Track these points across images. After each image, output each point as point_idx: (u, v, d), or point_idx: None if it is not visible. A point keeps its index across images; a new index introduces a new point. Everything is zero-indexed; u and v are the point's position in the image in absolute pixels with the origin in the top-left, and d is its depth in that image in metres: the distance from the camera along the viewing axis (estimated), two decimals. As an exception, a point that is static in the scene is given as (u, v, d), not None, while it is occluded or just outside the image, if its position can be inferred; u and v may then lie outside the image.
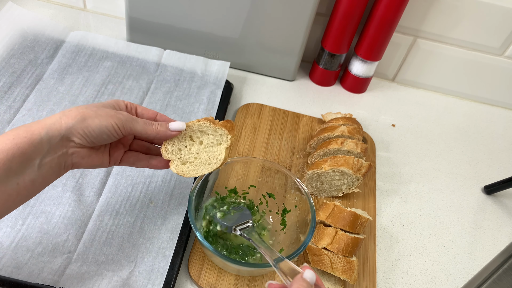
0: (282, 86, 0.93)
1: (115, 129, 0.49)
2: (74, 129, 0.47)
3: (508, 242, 0.74)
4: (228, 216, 0.62)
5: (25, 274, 0.56)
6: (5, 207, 0.45)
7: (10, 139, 0.44)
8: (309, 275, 0.46)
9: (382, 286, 0.66)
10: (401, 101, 0.96)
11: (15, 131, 0.45)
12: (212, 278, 0.61)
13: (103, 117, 0.48)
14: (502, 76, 0.94)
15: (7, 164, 0.43)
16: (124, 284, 0.57)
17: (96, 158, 0.52)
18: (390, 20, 0.82)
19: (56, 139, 0.47)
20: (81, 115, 0.48)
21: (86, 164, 0.51)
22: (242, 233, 0.59)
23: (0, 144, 0.44)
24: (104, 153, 0.53)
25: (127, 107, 0.54)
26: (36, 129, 0.46)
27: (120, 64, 0.84)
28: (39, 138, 0.45)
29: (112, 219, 0.63)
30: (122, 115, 0.50)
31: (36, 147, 0.45)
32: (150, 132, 0.53)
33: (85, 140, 0.48)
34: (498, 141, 0.92)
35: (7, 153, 0.43)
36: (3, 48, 0.81)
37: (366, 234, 0.70)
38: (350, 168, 0.69)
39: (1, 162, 0.43)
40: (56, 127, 0.46)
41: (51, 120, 0.47)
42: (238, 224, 0.61)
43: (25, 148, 0.44)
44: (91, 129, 0.48)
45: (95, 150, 0.52)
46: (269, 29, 0.85)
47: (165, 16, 0.86)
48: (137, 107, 0.56)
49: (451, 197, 0.80)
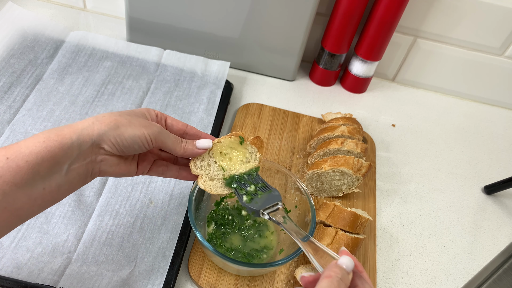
0: (282, 86, 0.93)
1: (148, 140, 0.48)
2: (106, 136, 0.46)
3: (508, 242, 0.74)
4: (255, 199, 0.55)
5: (25, 274, 0.56)
6: (29, 212, 0.44)
7: (40, 142, 0.43)
8: (346, 261, 0.42)
9: (382, 286, 0.66)
10: (401, 101, 0.96)
11: (46, 134, 0.44)
12: (212, 278, 0.61)
13: (136, 127, 0.47)
14: (502, 76, 0.94)
15: (36, 167, 0.42)
16: (124, 284, 0.57)
17: (124, 167, 0.50)
18: (390, 20, 0.82)
19: (87, 144, 0.45)
20: (115, 122, 0.46)
21: (113, 172, 0.49)
22: (270, 217, 0.53)
23: (30, 146, 0.42)
24: (132, 162, 0.52)
25: (157, 117, 0.53)
26: (68, 133, 0.44)
27: (120, 64, 0.84)
28: (70, 142, 0.44)
29: (112, 219, 0.63)
30: (156, 127, 0.49)
31: (66, 152, 0.44)
32: (178, 149, 0.51)
33: (115, 148, 0.47)
34: (498, 141, 0.92)
35: (37, 156, 0.42)
36: (3, 48, 0.81)
37: (366, 234, 0.70)
38: (350, 168, 0.69)
39: (30, 164, 0.42)
40: (88, 133, 0.45)
41: (83, 124, 0.45)
42: (266, 207, 0.54)
43: (55, 152, 0.43)
44: (124, 138, 0.46)
45: (123, 158, 0.50)
46: (269, 29, 0.85)
47: (165, 16, 0.86)
48: (167, 118, 0.54)
49: (451, 197, 0.80)
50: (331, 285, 0.40)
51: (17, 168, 0.41)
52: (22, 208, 0.43)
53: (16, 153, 0.42)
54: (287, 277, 0.63)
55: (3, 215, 0.41)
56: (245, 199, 0.54)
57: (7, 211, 0.41)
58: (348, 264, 0.42)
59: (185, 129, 0.55)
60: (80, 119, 0.75)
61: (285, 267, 0.64)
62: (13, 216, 0.42)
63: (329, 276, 0.41)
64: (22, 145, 0.42)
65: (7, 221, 0.42)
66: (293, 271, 0.64)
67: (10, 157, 0.41)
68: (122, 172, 0.50)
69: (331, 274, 0.41)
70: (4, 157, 0.41)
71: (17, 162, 0.41)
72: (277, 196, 0.55)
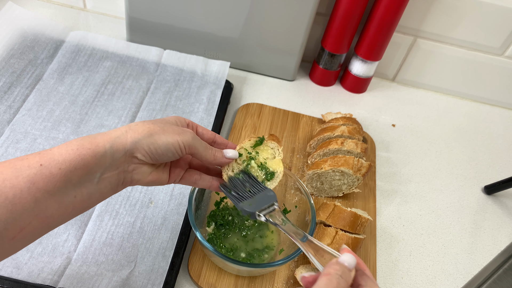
0: (282, 86, 0.93)
1: (181, 147, 0.47)
2: (139, 145, 0.45)
3: (508, 242, 0.74)
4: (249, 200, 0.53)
5: (25, 274, 0.56)
6: (59, 219, 0.43)
7: (74, 149, 0.42)
8: (347, 258, 0.40)
9: (382, 286, 0.66)
10: (401, 101, 0.96)
11: (80, 142, 0.43)
12: (212, 278, 0.61)
13: (170, 134, 0.47)
14: (502, 76, 0.94)
15: (68, 175, 0.41)
16: (124, 284, 0.57)
17: (156, 175, 0.50)
18: (390, 20, 0.82)
19: (120, 153, 0.45)
20: (148, 130, 0.46)
21: (145, 181, 0.49)
22: (267, 219, 0.51)
23: (63, 153, 0.42)
24: (164, 170, 0.51)
25: (188, 126, 0.52)
26: (101, 141, 0.44)
27: (120, 64, 0.84)
28: (103, 151, 0.43)
29: (112, 219, 0.63)
30: (189, 133, 0.48)
31: (99, 160, 0.43)
32: (209, 156, 0.51)
33: (149, 156, 0.46)
34: (498, 141, 0.92)
35: (70, 164, 0.41)
36: (3, 48, 0.81)
37: (366, 234, 0.70)
38: (350, 168, 0.69)
39: (63, 172, 0.41)
40: (122, 141, 0.44)
41: (117, 133, 0.45)
42: (262, 208, 0.52)
43: (88, 160, 0.42)
44: (157, 146, 0.46)
45: (155, 167, 0.49)
46: (269, 29, 0.85)
47: (165, 16, 0.86)
48: (197, 127, 0.54)
49: (451, 197, 0.80)
50: (330, 283, 0.38)
51: (50, 175, 0.41)
52: (53, 216, 0.42)
53: (50, 160, 0.41)
54: (287, 277, 0.63)
55: (34, 222, 0.41)
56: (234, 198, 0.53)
57: (38, 218, 0.41)
58: (349, 261, 0.40)
59: (213, 138, 0.55)
60: (80, 119, 0.75)
61: (285, 267, 0.64)
62: (43, 223, 0.42)
63: (328, 274, 0.39)
64: (55, 152, 0.42)
65: (37, 228, 0.41)
66: (293, 271, 0.64)
67: (44, 163, 0.41)
68: (154, 181, 0.50)
69: (330, 272, 0.39)
70: (38, 163, 0.41)
71: (50, 169, 0.41)
72: (273, 196, 0.53)
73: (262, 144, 0.57)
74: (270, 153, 0.57)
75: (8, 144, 0.69)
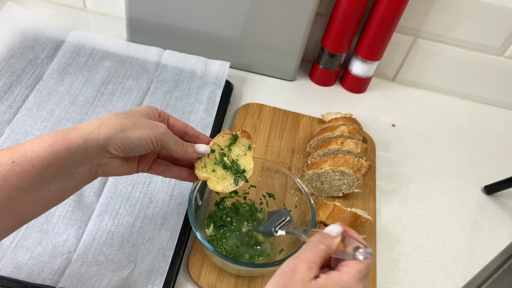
0: (282, 86, 0.93)
1: (153, 142, 0.48)
2: (112, 140, 0.45)
3: (508, 242, 0.74)
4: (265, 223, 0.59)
5: (25, 274, 0.56)
6: (33, 214, 0.44)
7: (47, 146, 0.42)
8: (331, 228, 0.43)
9: (382, 286, 0.66)
10: (401, 101, 0.96)
11: (52, 138, 0.43)
12: (212, 278, 0.61)
13: (142, 129, 0.47)
14: (502, 76, 0.94)
15: (42, 172, 0.42)
16: (124, 284, 0.57)
17: (126, 167, 0.51)
18: (390, 20, 0.82)
19: (93, 149, 0.45)
20: (121, 125, 0.46)
21: (116, 173, 0.50)
22: (286, 230, 0.54)
23: (36, 150, 0.42)
24: (134, 162, 0.52)
25: (160, 116, 0.53)
26: (74, 137, 0.44)
27: (120, 64, 0.84)
28: (77, 147, 0.44)
29: (112, 219, 0.63)
30: (161, 128, 0.49)
31: (73, 156, 0.44)
32: (180, 151, 0.52)
33: (121, 151, 0.47)
34: (498, 141, 0.92)
35: (43, 161, 0.42)
36: (3, 48, 0.81)
37: (366, 234, 0.70)
38: (350, 168, 0.69)
39: (36, 169, 0.41)
40: (94, 137, 0.45)
41: (89, 128, 0.45)
42: (277, 224, 0.56)
43: (62, 156, 0.43)
44: (130, 141, 0.46)
45: (126, 159, 0.50)
46: (269, 29, 0.85)
47: (165, 16, 0.86)
48: (169, 117, 0.54)
49: (451, 197, 0.80)
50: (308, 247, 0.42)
51: (23, 172, 0.41)
52: (27, 211, 0.43)
53: (22, 157, 0.41)
54: (287, 277, 0.63)
55: (7, 218, 0.41)
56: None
57: (11, 214, 0.41)
58: (331, 229, 0.43)
59: (185, 129, 0.56)
60: (80, 119, 0.75)
61: (285, 267, 0.64)
62: (17, 218, 0.42)
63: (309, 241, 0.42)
64: (27, 149, 0.42)
65: (11, 223, 0.42)
66: (293, 271, 0.64)
67: (16, 160, 0.41)
68: (124, 172, 0.51)
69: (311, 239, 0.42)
70: (10, 160, 0.41)
71: (22, 167, 0.41)
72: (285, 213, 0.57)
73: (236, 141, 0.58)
74: (242, 150, 0.58)
75: (8, 144, 0.69)
